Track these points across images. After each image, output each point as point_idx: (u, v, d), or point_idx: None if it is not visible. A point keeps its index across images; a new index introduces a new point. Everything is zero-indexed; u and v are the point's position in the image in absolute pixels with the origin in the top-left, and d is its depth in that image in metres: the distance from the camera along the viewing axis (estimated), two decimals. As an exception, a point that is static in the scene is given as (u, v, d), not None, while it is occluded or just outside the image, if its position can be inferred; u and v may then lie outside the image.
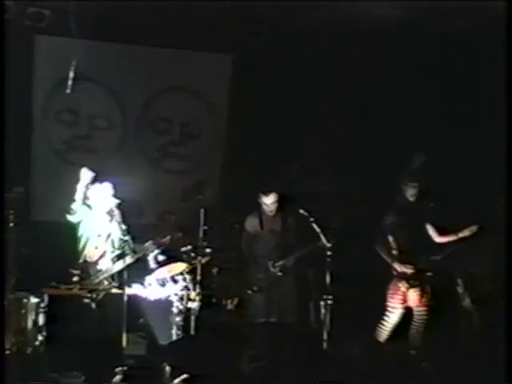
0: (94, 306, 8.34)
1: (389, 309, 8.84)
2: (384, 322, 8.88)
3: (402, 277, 8.71)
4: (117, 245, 8.67)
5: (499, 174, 7.68)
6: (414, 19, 9.70)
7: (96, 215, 8.66)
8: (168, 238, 9.08)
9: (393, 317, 8.83)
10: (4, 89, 7.84)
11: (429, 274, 8.72)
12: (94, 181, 8.61)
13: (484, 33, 9.37)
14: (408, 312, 8.86)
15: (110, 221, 8.65)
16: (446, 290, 9.10)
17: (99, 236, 8.69)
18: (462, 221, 8.94)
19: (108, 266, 8.59)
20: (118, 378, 7.82)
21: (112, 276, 8.52)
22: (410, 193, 8.78)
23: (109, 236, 8.71)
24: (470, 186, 9.71)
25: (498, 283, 8.49)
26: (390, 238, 8.80)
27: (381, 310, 8.91)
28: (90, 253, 8.67)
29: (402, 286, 8.70)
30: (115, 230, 8.62)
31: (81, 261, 8.63)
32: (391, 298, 8.83)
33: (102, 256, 8.68)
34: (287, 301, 9.39)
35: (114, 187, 8.65)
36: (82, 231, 8.64)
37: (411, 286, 8.69)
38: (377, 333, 8.92)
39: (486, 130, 9.80)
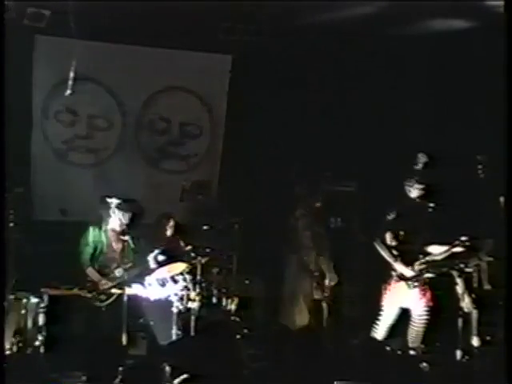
0: (103, 308, 8.40)
1: (384, 308, 8.84)
2: (378, 321, 8.88)
3: (401, 278, 8.71)
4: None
5: (499, 175, 7.68)
6: (414, 19, 9.72)
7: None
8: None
9: (387, 316, 8.82)
10: (4, 89, 7.83)
11: (428, 274, 8.71)
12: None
13: (484, 33, 9.37)
14: (407, 312, 8.85)
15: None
16: (445, 289, 9.08)
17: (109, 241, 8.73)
18: (462, 221, 8.93)
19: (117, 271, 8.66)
20: (118, 378, 7.83)
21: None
22: (412, 192, 8.77)
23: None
24: (470, 187, 9.69)
25: (498, 283, 8.49)
26: (390, 237, 8.80)
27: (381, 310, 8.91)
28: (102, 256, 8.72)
29: (401, 287, 8.70)
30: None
31: (92, 266, 8.67)
32: (387, 297, 8.83)
33: (112, 260, 8.72)
34: (286, 302, 9.38)
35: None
36: (93, 236, 8.68)
37: (410, 288, 8.69)
38: (373, 330, 8.91)
39: (486, 130, 9.79)
